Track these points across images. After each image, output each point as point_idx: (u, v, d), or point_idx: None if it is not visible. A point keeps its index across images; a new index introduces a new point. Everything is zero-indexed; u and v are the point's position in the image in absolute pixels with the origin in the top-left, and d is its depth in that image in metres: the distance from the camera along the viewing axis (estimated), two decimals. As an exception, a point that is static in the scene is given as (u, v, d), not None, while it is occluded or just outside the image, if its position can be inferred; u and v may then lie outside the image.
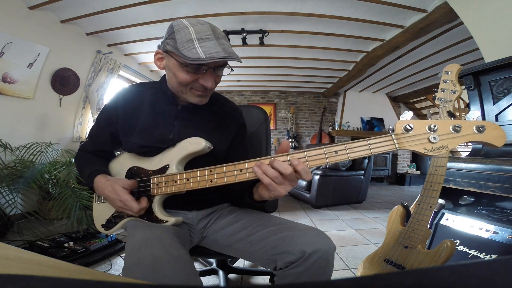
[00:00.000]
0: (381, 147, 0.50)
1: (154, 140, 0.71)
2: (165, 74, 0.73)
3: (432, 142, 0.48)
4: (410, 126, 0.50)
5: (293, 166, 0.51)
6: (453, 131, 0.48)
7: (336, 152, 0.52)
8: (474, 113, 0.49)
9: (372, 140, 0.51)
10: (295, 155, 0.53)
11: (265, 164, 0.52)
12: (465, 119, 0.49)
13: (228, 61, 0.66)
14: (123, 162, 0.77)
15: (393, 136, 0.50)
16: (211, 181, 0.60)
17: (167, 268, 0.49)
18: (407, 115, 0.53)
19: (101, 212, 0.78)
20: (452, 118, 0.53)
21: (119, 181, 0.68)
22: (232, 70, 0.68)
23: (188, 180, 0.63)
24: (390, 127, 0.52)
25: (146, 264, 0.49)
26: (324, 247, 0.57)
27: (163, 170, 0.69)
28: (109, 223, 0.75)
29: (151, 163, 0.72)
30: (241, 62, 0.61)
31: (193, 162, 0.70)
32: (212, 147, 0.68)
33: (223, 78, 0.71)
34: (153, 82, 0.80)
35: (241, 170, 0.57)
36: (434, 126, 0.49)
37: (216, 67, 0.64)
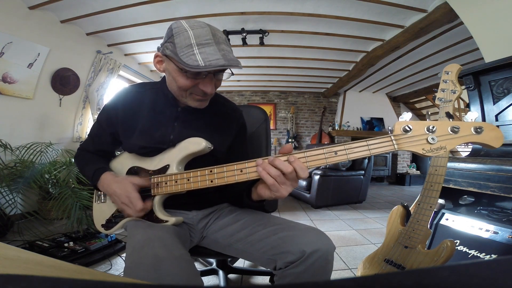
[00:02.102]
0: (381, 147, 0.51)
1: (155, 141, 0.71)
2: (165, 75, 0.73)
3: (430, 143, 0.49)
4: (409, 127, 0.50)
5: (289, 163, 0.52)
6: (451, 132, 0.48)
7: (336, 152, 0.52)
8: (472, 114, 0.49)
9: (371, 141, 0.51)
10: (295, 155, 0.53)
11: (268, 164, 0.53)
12: (463, 120, 0.50)
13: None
14: (123, 162, 0.78)
15: (392, 137, 0.51)
16: (211, 181, 0.60)
17: (169, 268, 0.49)
18: (406, 116, 0.53)
19: (101, 212, 0.78)
20: (451, 119, 0.54)
21: (131, 178, 0.68)
22: (233, 74, 0.68)
23: (188, 180, 0.63)
24: (390, 128, 0.52)
25: (147, 264, 0.49)
26: (323, 247, 0.57)
27: (164, 170, 0.69)
28: (109, 223, 0.75)
29: (152, 163, 0.72)
30: (241, 68, 0.61)
31: (193, 162, 0.70)
32: (212, 147, 0.69)
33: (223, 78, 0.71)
34: (154, 83, 0.79)
35: (241, 170, 0.57)
36: (433, 127, 0.49)
37: (216, 71, 0.64)
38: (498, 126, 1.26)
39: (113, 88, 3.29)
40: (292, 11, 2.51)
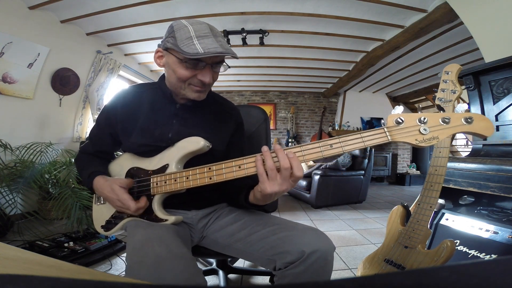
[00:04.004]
0: (374, 139, 0.52)
1: (154, 139, 0.72)
2: (163, 74, 0.75)
3: (423, 134, 0.50)
4: (401, 119, 0.52)
5: (288, 158, 0.53)
6: (442, 123, 0.50)
7: (331, 145, 0.53)
8: (463, 106, 0.51)
9: (365, 133, 0.52)
10: (292, 150, 0.54)
11: (268, 154, 0.54)
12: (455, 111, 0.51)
13: (225, 59, 0.69)
14: (122, 163, 0.78)
15: (385, 128, 0.52)
16: (210, 178, 0.60)
17: (170, 267, 0.49)
18: (398, 109, 0.54)
19: (100, 213, 0.78)
20: (442, 111, 0.56)
21: (116, 181, 0.68)
22: (229, 67, 0.71)
23: (187, 178, 0.63)
24: (383, 121, 0.53)
25: (149, 263, 0.49)
26: (323, 247, 0.57)
27: (163, 169, 0.69)
28: (109, 224, 0.75)
29: (151, 163, 0.72)
30: (237, 58, 0.64)
31: (192, 161, 0.70)
32: (210, 146, 0.69)
33: (223, 78, 0.73)
34: (152, 83, 0.82)
35: (239, 166, 0.58)
36: (424, 118, 0.51)
37: (213, 63, 0.66)
38: (498, 126, 1.26)
39: (113, 88, 3.29)
40: (292, 11, 2.51)
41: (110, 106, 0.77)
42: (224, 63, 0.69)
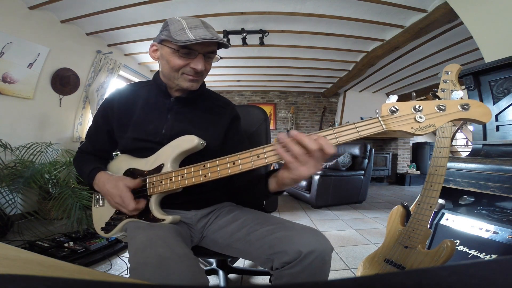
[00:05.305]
0: (369, 129, 0.51)
1: (147, 134, 0.73)
2: (158, 71, 0.78)
3: (419, 122, 0.49)
4: (396, 108, 0.50)
5: (314, 140, 0.48)
6: (438, 110, 0.49)
7: (325, 137, 0.52)
8: (458, 93, 0.50)
9: (359, 123, 0.52)
10: (319, 134, 0.52)
11: (290, 141, 0.50)
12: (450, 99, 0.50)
13: (217, 51, 0.71)
14: (119, 165, 0.78)
15: (379, 118, 0.51)
16: (205, 176, 0.60)
17: (174, 267, 0.49)
18: (392, 98, 0.53)
19: (100, 216, 0.78)
20: (437, 99, 0.54)
21: (124, 179, 0.69)
22: (220, 57, 0.74)
23: (182, 177, 0.63)
24: (377, 110, 0.52)
25: (152, 264, 0.49)
26: (320, 248, 0.57)
27: (158, 169, 0.69)
28: (108, 226, 0.75)
29: (146, 164, 0.72)
30: (227, 47, 0.69)
31: (189, 159, 0.70)
32: (205, 144, 0.69)
33: (223, 78, 0.73)
34: (147, 80, 0.83)
35: (233, 163, 0.57)
36: (419, 106, 0.50)
37: (205, 52, 0.68)
38: (498, 126, 1.26)
39: (113, 88, 3.29)
40: (292, 11, 2.51)
41: (106, 103, 0.78)
42: (216, 55, 0.72)
